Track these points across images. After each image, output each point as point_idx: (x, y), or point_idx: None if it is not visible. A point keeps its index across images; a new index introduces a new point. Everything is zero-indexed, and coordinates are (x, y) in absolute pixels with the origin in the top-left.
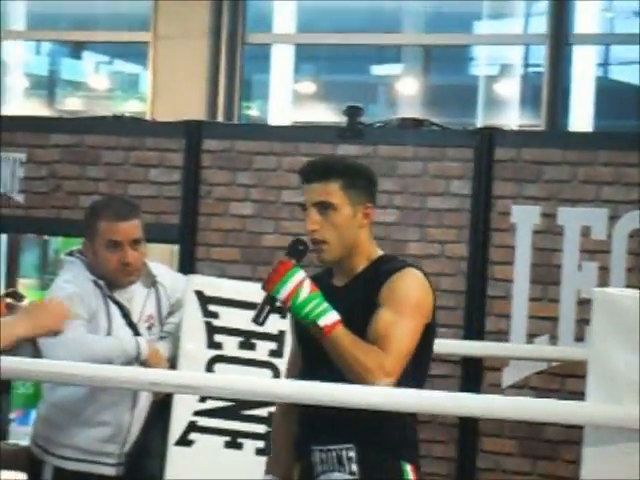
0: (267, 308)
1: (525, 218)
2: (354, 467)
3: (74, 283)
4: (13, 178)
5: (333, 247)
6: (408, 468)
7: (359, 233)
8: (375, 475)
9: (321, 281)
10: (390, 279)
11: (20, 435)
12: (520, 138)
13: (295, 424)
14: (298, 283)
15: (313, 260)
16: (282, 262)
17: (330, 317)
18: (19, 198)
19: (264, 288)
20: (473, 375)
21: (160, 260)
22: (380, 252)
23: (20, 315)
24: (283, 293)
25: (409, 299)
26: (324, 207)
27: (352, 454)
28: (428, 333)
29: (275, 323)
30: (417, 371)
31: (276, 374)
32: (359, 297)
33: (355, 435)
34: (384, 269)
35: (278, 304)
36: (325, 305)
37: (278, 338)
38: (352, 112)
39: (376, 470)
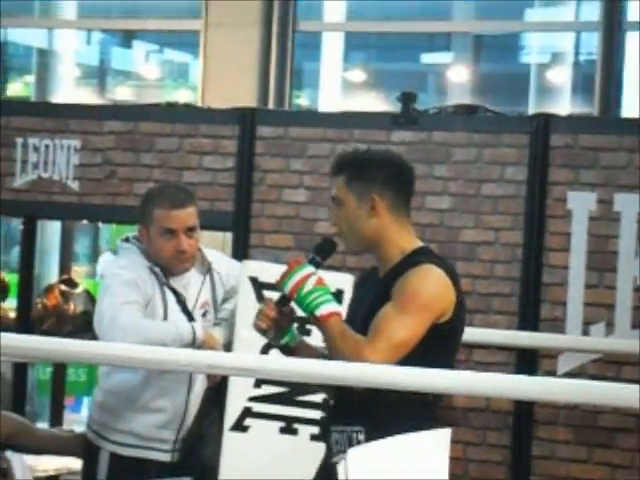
0: (284, 302)
1: (581, 204)
2: None
3: (130, 269)
4: (68, 165)
5: (348, 239)
6: None
7: (372, 224)
8: None
9: (372, 274)
10: (405, 274)
11: (71, 422)
12: (576, 124)
13: None
14: (304, 277)
15: None
16: (295, 259)
17: (327, 308)
18: (74, 185)
19: (276, 283)
20: (528, 363)
21: (211, 247)
22: (417, 244)
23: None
24: (289, 286)
25: (415, 296)
26: (335, 201)
27: (361, 437)
28: (443, 330)
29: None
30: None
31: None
32: (381, 290)
33: (364, 418)
34: (406, 264)
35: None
36: (325, 297)
37: None
38: (406, 98)
39: None
